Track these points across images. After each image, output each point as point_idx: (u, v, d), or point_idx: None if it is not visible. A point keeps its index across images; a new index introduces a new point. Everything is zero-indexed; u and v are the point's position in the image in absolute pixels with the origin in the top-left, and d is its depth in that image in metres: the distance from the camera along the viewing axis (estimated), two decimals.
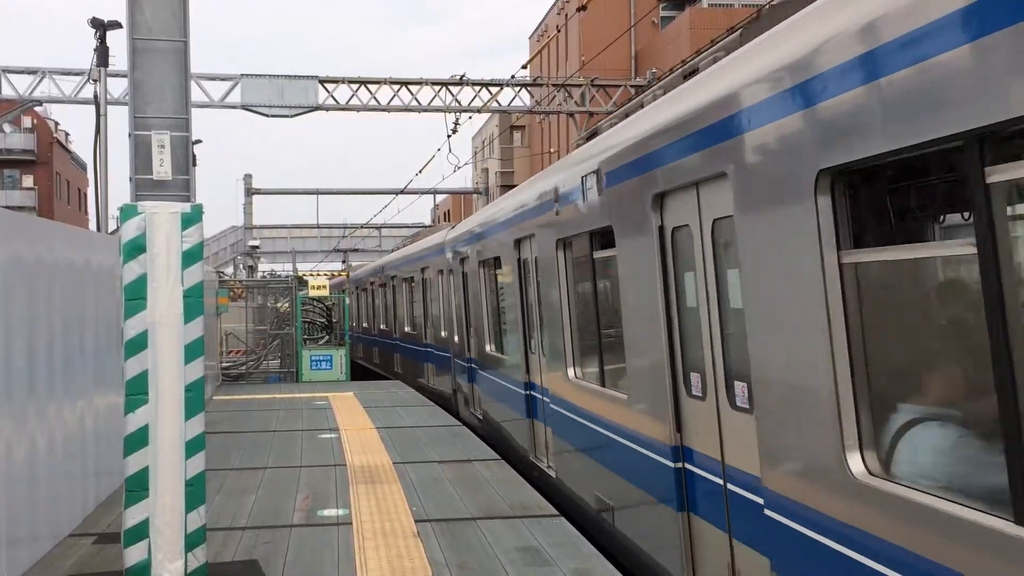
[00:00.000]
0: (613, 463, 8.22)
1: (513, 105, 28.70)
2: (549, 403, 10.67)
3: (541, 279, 10.77)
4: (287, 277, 34.52)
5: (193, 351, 6.59)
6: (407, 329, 24.25)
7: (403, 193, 38.48)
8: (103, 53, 18.51)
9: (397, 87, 26.56)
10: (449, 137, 23.89)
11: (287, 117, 25.98)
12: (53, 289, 7.94)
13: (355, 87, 26.46)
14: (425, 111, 26.64)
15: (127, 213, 6.56)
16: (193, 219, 6.65)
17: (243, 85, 25.44)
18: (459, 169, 52.46)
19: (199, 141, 28.30)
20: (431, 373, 21.11)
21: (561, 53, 47.13)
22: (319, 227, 49.93)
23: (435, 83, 26.71)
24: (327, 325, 28.53)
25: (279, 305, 30.06)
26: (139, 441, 6.46)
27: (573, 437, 9.72)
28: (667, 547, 6.88)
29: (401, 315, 25.20)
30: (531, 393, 11.73)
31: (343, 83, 26.40)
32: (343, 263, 53.59)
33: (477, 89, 26.95)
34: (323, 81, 26.12)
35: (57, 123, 69.94)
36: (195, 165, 18.07)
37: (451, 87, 26.72)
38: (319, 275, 40.24)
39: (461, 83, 26.66)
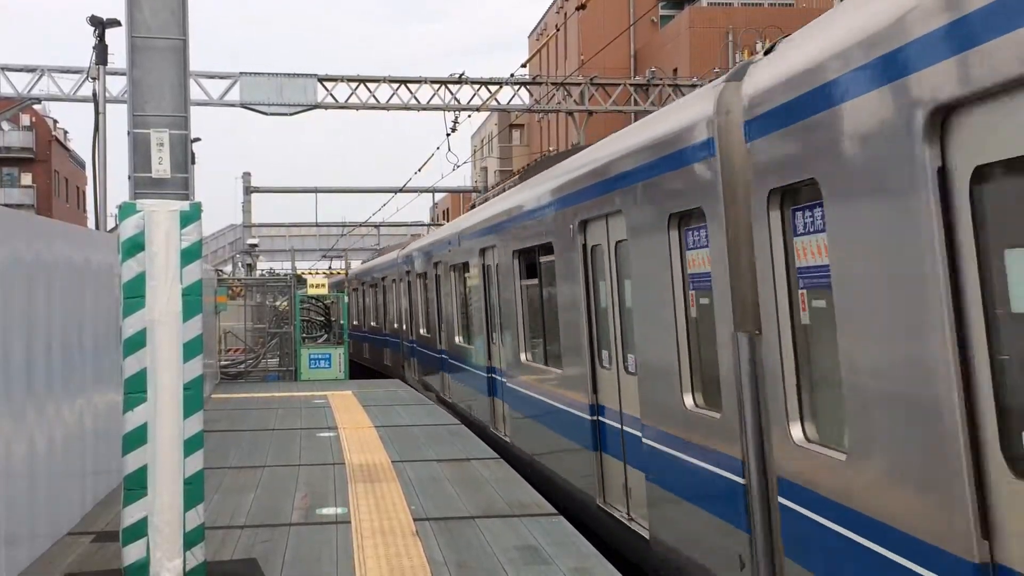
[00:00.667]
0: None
1: (512, 104, 28.70)
2: None
3: (442, 292, 18.25)
4: (286, 275, 34.46)
5: (192, 349, 6.59)
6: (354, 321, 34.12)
7: (402, 192, 38.50)
8: (102, 51, 18.45)
9: (396, 85, 26.54)
10: (448, 135, 23.91)
11: (286, 115, 25.94)
12: (52, 287, 7.93)
13: (354, 85, 26.43)
14: (424, 109, 26.61)
15: (126, 211, 6.55)
16: (192, 217, 6.64)
17: (242, 83, 25.40)
18: (458, 168, 52.42)
19: (198, 139, 28.30)
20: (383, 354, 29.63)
21: (560, 52, 47.13)
22: (317, 225, 49.87)
23: (434, 81, 26.69)
24: (326, 324, 28.53)
25: (278, 303, 30.05)
26: (138, 439, 6.45)
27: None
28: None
29: (366, 310, 33.40)
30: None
31: (342, 81, 26.37)
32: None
33: (476, 87, 26.92)
34: (322, 79, 26.08)
35: (56, 121, 69.88)
36: (194, 163, 18.08)
37: (450, 85, 26.69)
38: (318, 273, 40.25)
39: (460, 81, 26.63)
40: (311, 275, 38.51)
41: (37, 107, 57.72)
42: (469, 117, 27.52)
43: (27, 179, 65.60)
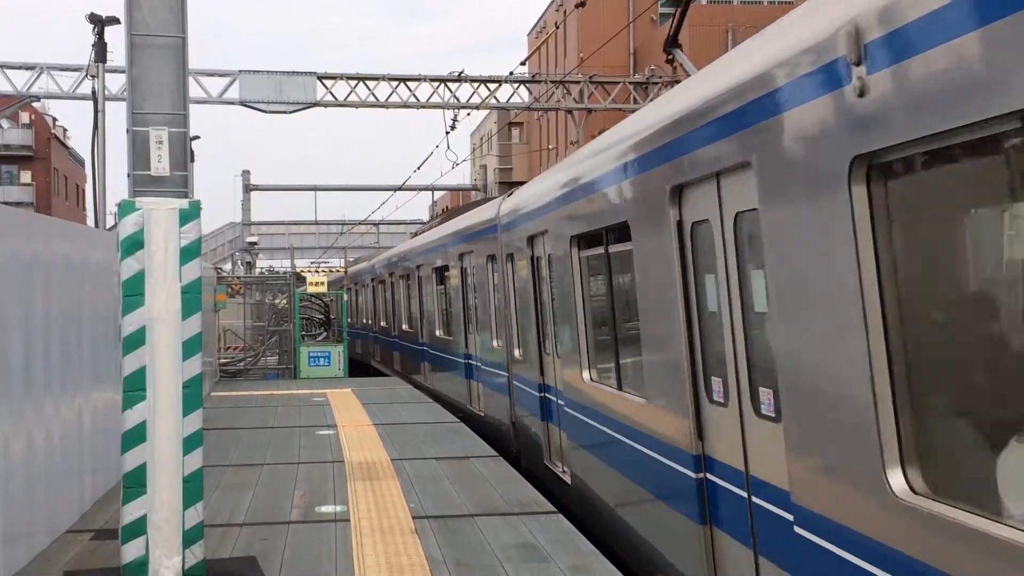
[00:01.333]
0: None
1: (511, 102, 28.65)
2: None
3: (410, 292, 22.60)
4: (285, 273, 34.50)
5: (191, 347, 6.59)
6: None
7: (401, 190, 38.50)
8: (101, 49, 18.44)
9: (395, 83, 26.50)
10: (447, 133, 23.91)
11: (285, 113, 25.90)
12: (51, 285, 7.93)
13: (353, 83, 26.38)
14: (423, 107, 26.58)
15: (125, 209, 6.55)
16: (191, 215, 6.65)
17: (241, 81, 25.36)
18: (457, 166, 52.40)
19: (197, 137, 28.21)
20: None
21: (560, 50, 47.10)
22: (317, 223, 49.88)
23: (433, 79, 26.66)
24: (325, 321, 28.55)
25: (277, 301, 30.08)
26: (137, 437, 6.46)
27: None
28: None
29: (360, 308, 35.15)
30: None
31: (341, 79, 26.32)
32: (341, 259, 53.73)
33: (475, 85, 26.88)
34: (321, 77, 26.04)
35: (55, 119, 69.86)
36: (193, 161, 18.08)
37: (449, 83, 26.66)
38: (318, 271, 40.24)
39: (459, 79, 26.60)
40: (316, 272, 38.71)
41: (36, 105, 57.66)
42: (468, 115, 27.52)
43: (26, 177, 65.59)
